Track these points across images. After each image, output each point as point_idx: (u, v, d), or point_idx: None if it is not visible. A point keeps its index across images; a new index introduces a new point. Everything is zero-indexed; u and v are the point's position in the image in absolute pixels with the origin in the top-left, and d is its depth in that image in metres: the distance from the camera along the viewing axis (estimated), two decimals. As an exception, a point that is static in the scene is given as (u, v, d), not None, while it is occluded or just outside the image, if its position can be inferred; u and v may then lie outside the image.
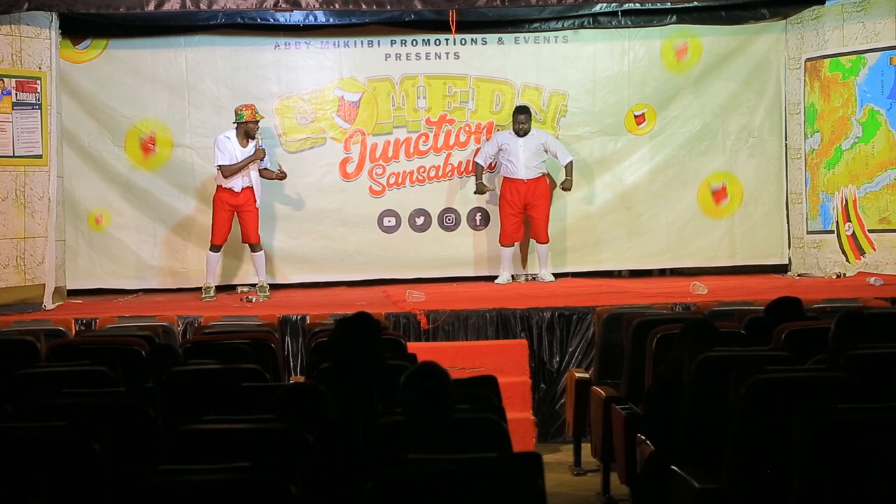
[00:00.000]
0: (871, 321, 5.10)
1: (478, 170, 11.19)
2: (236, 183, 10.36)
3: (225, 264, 11.23)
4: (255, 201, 10.48)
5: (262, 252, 10.62)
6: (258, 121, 10.41)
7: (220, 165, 10.31)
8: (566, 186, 11.01)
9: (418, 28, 11.32)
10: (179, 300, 10.35)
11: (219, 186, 10.41)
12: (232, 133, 10.39)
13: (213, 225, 10.49)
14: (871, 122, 10.73)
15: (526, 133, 10.90)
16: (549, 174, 11.21)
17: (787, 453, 3.99)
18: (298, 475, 3.36)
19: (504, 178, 11.07)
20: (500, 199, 11.16)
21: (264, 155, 10.43)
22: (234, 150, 10.33)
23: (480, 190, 11.18)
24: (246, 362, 5.40)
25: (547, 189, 11.06)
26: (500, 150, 11.01)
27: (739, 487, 4.42)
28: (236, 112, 10.44)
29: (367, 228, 11.45)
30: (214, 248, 10.51)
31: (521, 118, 10.91)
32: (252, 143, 10.37)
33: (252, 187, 10.43)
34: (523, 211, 11.01)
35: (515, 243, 11.16)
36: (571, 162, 11.01)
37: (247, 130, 10.35)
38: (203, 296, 10.33)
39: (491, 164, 11.27)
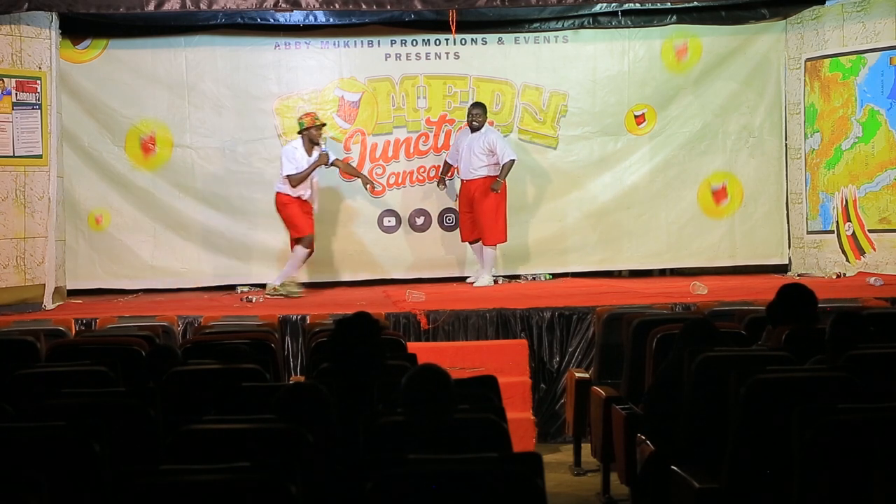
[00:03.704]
0: (866, 321, 5.10)
1: (443, 167, 11.12)
2: (305, 192, 10.35)
3: (225, 264, 11.24)
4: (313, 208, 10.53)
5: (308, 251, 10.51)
6: (320, 125, 10.37)
7: (287, 175, 10.28)
8: (493, 187, 10.55)
9: (418, 28, 11.32)
10: (179, 300, 10.35)
11: (285, 194, 10.34)
12: (298, 143, 10.36)
13: (293, 223, 10.37)
14: (871, 122, 10.73)
15: (477, 128, 10.66)
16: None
17: (787, 453, 3.99)
18: (298, 475, 3.36)
19: None
20: None
21: (328, 160, 10.38)
22: (301, 160, 10.28)
23: (439, 186, 11.16)
24: (246, 362, 5.39)
25: (486, 190, 10.62)
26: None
27: (739, 487, 4.42)
28: (298, 121, 10.44)
29: (367, 228, 11.45)
30: (306, 241, 10.35)
31: (475, 112, 10.72)
32: (316, 150, 10.33)
33: (311, 200, 10.46)
34: (471, 210, 10.77)
35: (476, 241, 10.90)
36: (511, 162, 10.56)
37: (310, 138, 10.30)
38: (289, 291, 10.24)
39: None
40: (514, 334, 8.54)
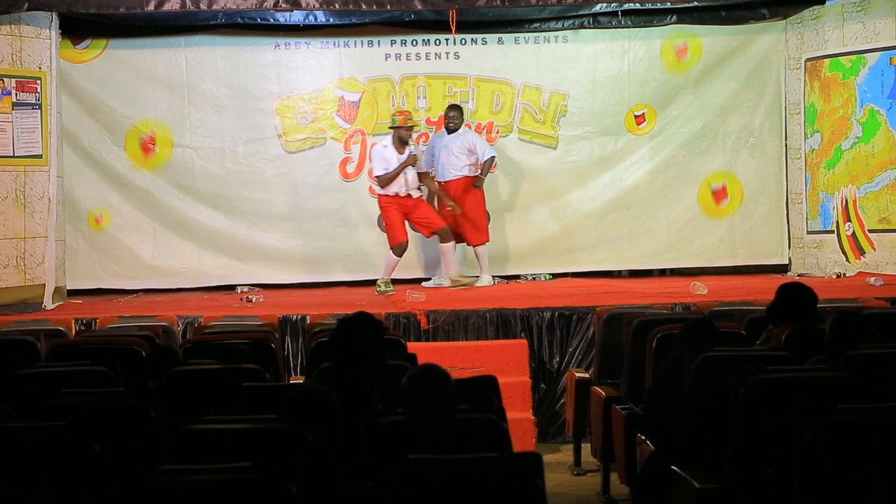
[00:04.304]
0: (866, 321, 5.10)
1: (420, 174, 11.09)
2: (401, 188, 10.28)
3: (225, 264, 11.24)
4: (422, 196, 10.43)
5: (453, 243, 10.41)
6: (411, 126, 10.29)
7: (377, 176, 10.26)
8: (476, 185, 10.64)
9: (418, 28, 11.33)
10: (179, 300, 10.35)
11: (383, 196, 10.32)
12: (388, 140, 10.32)
13: (388, 229, 10.36)
14: (871, 122, 10.73)
15: (453, 130, 10.66)
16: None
17: (787, 453, 3.99)
18: (298, 475, 3.36)
19: None
20: None
21: (416, 160, 10.30)
22: (392, 158, 10.21)
23: None
24: (246, 362, 5.39)
25: (467, 190, 10.64)
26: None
27: (739, 487, 4.42)
28: (391, 117, 10.42)
29: (367, 228, 11.44)
30: (396, 249, 10.29)
31: (452, 114, 10.71)
32: (408, 150, 10.27)
33: (410, 194, 10.35)
34: (451, 212, 10.72)
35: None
36: (491, 158, 10.62)
37: (400, 136, 10.24)
38: (383, 289, 10.15)
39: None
40: (514, 334, 8.54)
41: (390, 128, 10.40)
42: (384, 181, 10.23)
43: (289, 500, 3.26)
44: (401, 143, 10.25)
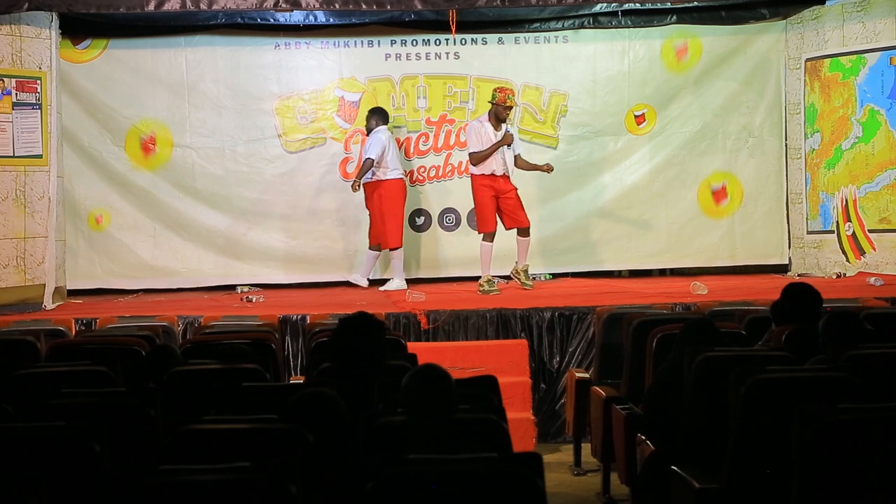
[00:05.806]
0: (859, 321, 5.11)
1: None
2: (497, 168, 10.03)
3: (225, 264, 11.23)
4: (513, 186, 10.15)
5: (528, 238, 10.23)
6: (510, 106, 10.05)
7: (470, 153, 10.08)
8: (352, 188, 10.69)
9: (418, 28, 11.33)
10: (179, 300, 10.35)
11: (477, 176, 10.09)
12: (485, 118, 10.11)
13: (479, 213, 10.17)
14: (871, 122, 10.73)
15: (368, 132, 10.77)
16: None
17: (787, 453, 3.99)
18: (298, 475, 3.36)
19: None
20: None
21: (512, 140, 10.06)
22: (486, 135, 9.97)
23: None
24: (246, 362, 5.40)
25: (369, 195, 10.73)
26: None
27: (739, 487, 4.42)
28: (491, 92, 10.18)
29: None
30: (488, 236, 10.12)
31: (367, 116, 10.83)
32: (504, 128, 10.05)
33: (507, 175, 10.11)
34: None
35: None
36: (366, 160, 10.55)
37: (497, 113, 10.00)
38: (486, 288, 9.95)
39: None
40: (514, 334, 8.54)
41: (489, 102, 10.18)
42: (477, 159, 9.98)
43: (289, 500, 3.26)
44: (497, 120, 10.03)
